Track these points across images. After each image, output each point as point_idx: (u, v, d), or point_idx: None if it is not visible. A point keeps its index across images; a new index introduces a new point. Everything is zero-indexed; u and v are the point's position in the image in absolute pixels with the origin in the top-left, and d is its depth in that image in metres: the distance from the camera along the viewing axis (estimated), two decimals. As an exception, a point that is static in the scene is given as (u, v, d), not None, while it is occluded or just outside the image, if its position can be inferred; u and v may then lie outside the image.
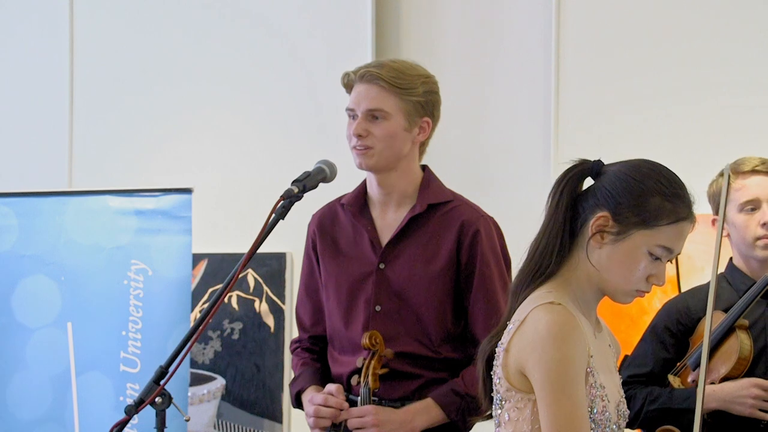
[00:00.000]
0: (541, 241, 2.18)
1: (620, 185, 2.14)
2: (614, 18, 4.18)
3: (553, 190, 2.20)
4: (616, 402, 2.15)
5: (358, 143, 2.88)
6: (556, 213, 2.17)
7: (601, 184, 2.17)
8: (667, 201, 2.12)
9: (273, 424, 4.44)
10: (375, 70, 2.88)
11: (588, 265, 2.14)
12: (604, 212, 2.13)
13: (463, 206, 2.97)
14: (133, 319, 4.07)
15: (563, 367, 2.03)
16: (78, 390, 4.12)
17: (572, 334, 2.04)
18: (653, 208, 2.11)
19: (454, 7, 4.43)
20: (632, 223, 2.11)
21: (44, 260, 4.22)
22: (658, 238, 2.12)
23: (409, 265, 2.92)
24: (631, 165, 2.18)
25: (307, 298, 3.09)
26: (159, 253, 4.07)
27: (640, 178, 2.14)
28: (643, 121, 4.06)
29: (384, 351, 2.86)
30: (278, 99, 4.63)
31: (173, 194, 4.10)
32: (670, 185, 2.15)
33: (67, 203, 4.24)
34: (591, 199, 2.16)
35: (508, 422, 2.10)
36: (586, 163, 2.21)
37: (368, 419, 2.81)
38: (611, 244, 2.12)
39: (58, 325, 4.17)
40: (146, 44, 4.86)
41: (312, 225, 3.07)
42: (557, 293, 2.11)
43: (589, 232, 2.13)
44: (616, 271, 2.13)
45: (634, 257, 2.12)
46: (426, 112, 2.92)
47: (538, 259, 2.17)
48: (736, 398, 2.99)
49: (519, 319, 2.11)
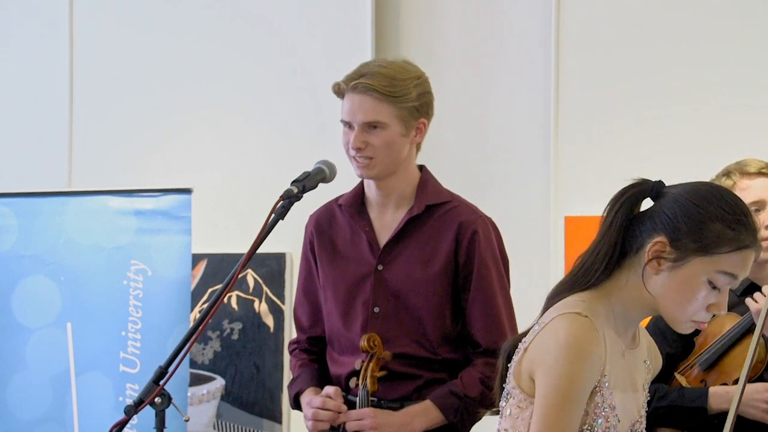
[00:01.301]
0: (588, 257, 2.11)
1: (679, 210, 2.06)
2: (614, 18, 4.18)
3: (608, 208, 2.12)
4: (632, 422, 2.13)
5: (357, 155, 2.87)
6: (608, 233, 2.10)
7: (660, 207, 2.09)
8: (729, 228, 2.03)
9: (272, 425, 4.44)
10: (367, 81, 2.84)
11: (642, 290, 2.07)
12: (661, 237, 2.05)
13: (460, 207, 2.96)
14: (133, 319, 4.07)
15: (570, 382, 2.00)
16: (78, 390, 4.12)
17: (586, 351, 2.00)
18: (713, 235, 2.03)
19: (454, 7, 4.43)
20: (691, 249, 2.03)
21: (44, 260, 4.21)
22: (719, 265, 2.03)
23: (407, 266, 2.91)
24: (692, 188, 2.09)
25: (305, 300, 3.08)
26: (159, 253, 4.06)
27: (701, 203, 2.05)
28: (643, 121, 4.06)
29: (382, 353, 2.85)
30: (278, 99, 4.63)
31: (173, 194, 4.09)
32: (732, 211, 2.05)
33: (67, 203, 4.24)
34: (648, 222, 2.09)
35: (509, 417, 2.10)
36: (646, 184, 2.12)
37: (367, 422, 2.81)
38: (668, 270, 2.05)
39: (58, 325, 4.17)
40: (146, 44, 4.86)
41: (309, 226, 3.07)
42: (589, 304, 2.06)
43: (645, 258, 2.06)
44: (674, 299, 2.06)
45: (693, 286, 2.04)
46: (421, 114, 2.91)
47: (582, 275, 2.11)
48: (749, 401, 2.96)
49: (545, 321, 2.08)
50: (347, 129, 2.90)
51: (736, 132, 3.93)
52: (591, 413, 2.04)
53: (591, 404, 2.04)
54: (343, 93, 2.90)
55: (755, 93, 3.94)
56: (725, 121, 3.96)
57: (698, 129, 3.99)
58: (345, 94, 2.89)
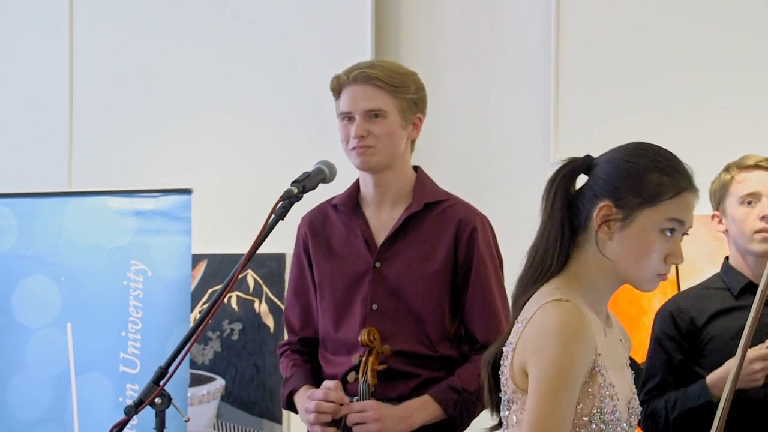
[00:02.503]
0: (539, 245, 2.14)
1: (615, 171, 2.10)
2: (614, 18, 4.18)
3: (545, 193, 2.17)
4: (627, 399, 2.12)
5: (359, 143, 2.89)
6: (552, 215, 2.14)
7: (596, 175, 2.13)
8: (665, 175, 2.09)
9: (272, 425, 4.44)
10: (369, 70, 2.90)
11: (601, 259, 2.10)
12: (605, 201, 2.09)
13: (458, 205, 2.99)
14: (133, 319, 4.07)
15: (563, 366, 1.99)
16: (78, 390, 4.12)
17: (579, 333, 2.01)
18: (653, 185, 2.07)
19: (454, 7, 4.43)
20: (635, 205, 2.07)
21: (44, 260, 4.22)
22: (665, 213, 2.07)
23: (406, 263, 2.93)
24: (621, 149, 2.15)
25: (297, 301, 3.09)
26: (159, 253, 4.07)
27: (632, 159, 2.11)
28: (643, 121, 4.06)
29: (381, 347, 2.86)
30: (278, 99, 4.63)
31: (173, 195, 4.10)
32: (663, 159, 2.11)
33: (67, 203, 4.24)
34: (588, 193, 2.13)
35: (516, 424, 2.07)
36: (575, 160, 2.17)
37: (370, 414, 2.81)
38: (620, 231, 2.08)
39: (58, 325, 4.17)
40: (146, 45, 4.86)
41: (302, 227, 3.08)
42: (565, 289, 2.08)
43: (594, 226, 2.10)
44: (632, 258, 2.08)
45: (646, 240, 2.07)
46: (418, 109, 2.97)
47: (539, 264, 2.13)
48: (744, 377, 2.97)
49: (527, 318, 2.08)
50: (346, 122, 2.93)
51: (736, 132, 3.93)
52: (597, 395, 2.03)
53: (594, 386, 2.03)
54: (341, 87, 2.93)
55: (755, 93, 3.94)
56: (725, 121, 3.96)
57: (698, 129, 3.99)
58: (344, 88, 2.93)
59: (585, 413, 2.03)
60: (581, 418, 2.03)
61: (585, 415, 2.03)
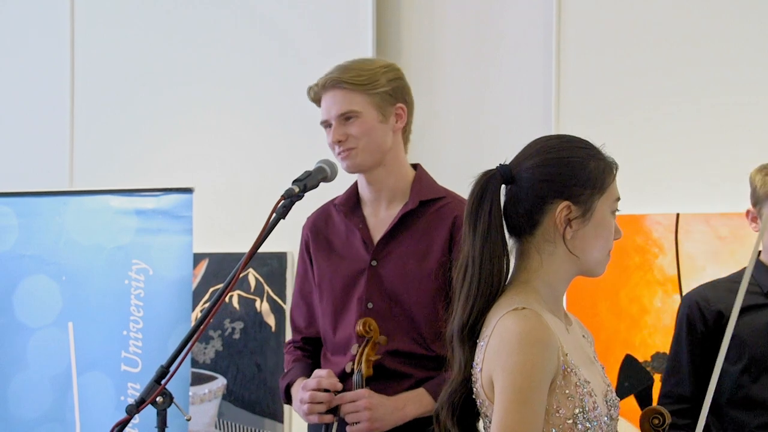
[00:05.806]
0: (483, 268, 2.11)
1: (556, 170, 2.13)
2: (615, 18, 4.18)
3: (472, 214, 2.14)
4: (604, 392, 2.12)
5: (340, 148, 2.92)
6: (488, 234, 2.10)
7: (530, 183, 2.13)
8: (599, 160, 2.16)
9: (274, 424, 4.44)
10: (335, 75, 2.93)
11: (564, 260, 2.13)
12: (562, 203, 2.11)
13: (454, 202, 2.98)
14: (134, 318, 4.07)
15: (528, 373, 1.99)
16: (79, 390, 4.12)
17: (541, 339, 2.00)
18: (597, 173, 2.14)
19: (454, 7, 4.43)
20: (590, 196, 2.12)
21: (45, 260, 4.22)
22: (613, 194, 2.15)
23: (402, 262, 2.93)
24: (543, 149, 2.16)
25: (302, 301, 3.10)
26: (160, 252, 4.07)
27: (567, 154, 2.15)
28: (643, 121, 4.06)
29: (378, 338, 2.86)
30: (278, 99, 4.63)
31: (174, 194, 4.10)
32: (588, 146, 2.18)
33: (68, 203, 4.24)
34: (524, 203, 2.13)
35: None
36: (491, 173, 2.17)
37: (361, 402, 2.82)
38: (582, 226, 2.12)
39: (59, 324, 4.18)
40: (146, 44, 4.87)
41: (306, 227, 3.10)
42: (521, 297, 2.08)
43: (558, 228, 2.11)
44: (596, 245, 2.14)
45: (605, 224, 2.15)
46: (397, 99, 2.96)
47: (486, 287, 2.11)
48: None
49: (488, 334, 2.07)
50: (328, 130, 2.96)
51: (736, 132, 3.93)
52: (575, 395, 2.03)
53: (571, 386, 2.03)
54: (318, 97, 2.98)
55: (755, 93, 3.94)
56: (725, 121, 3.96)
57: (698, 129, 3.99)
58: (320, 97, 2.97)
59: (568, 416, 2.03)
60: (565, 422, 2.02)
61: (568, 417, 2.03)
